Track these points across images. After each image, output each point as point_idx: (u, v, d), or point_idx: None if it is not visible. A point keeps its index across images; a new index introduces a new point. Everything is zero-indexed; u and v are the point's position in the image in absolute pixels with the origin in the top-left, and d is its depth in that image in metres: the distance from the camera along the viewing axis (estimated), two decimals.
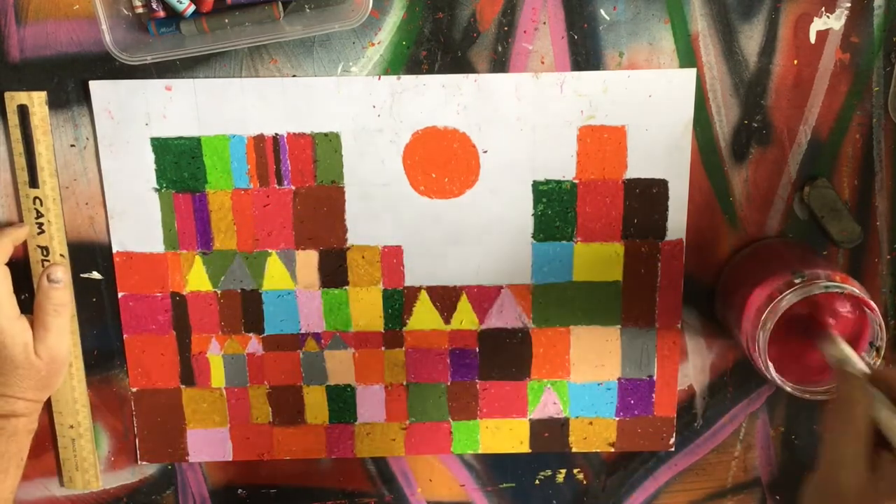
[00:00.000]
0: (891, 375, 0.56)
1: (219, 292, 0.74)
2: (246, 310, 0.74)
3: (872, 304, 0.65)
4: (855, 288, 0.65)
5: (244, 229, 0.72)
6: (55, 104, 0.69)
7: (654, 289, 0.73)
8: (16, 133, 0.69)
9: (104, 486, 0.78)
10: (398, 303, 0.74)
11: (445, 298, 0.74)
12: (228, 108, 0.69)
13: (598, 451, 0.78)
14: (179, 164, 0.70)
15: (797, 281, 0.65)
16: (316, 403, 0.76)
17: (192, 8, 0.65)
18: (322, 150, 0.70)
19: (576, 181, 0.71)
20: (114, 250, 0.72)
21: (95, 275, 0.73)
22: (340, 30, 0.66)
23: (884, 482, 0.53)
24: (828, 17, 0.68)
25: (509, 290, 0.74)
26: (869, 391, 0.56)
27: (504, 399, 0.76)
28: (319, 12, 0.66)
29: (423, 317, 0.74)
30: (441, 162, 0.71)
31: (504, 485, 0.79)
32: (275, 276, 0.73)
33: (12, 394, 0.68)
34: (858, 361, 0.61)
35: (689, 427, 0.77)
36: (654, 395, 0.76)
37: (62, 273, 0.71)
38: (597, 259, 0.73)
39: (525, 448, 0.78)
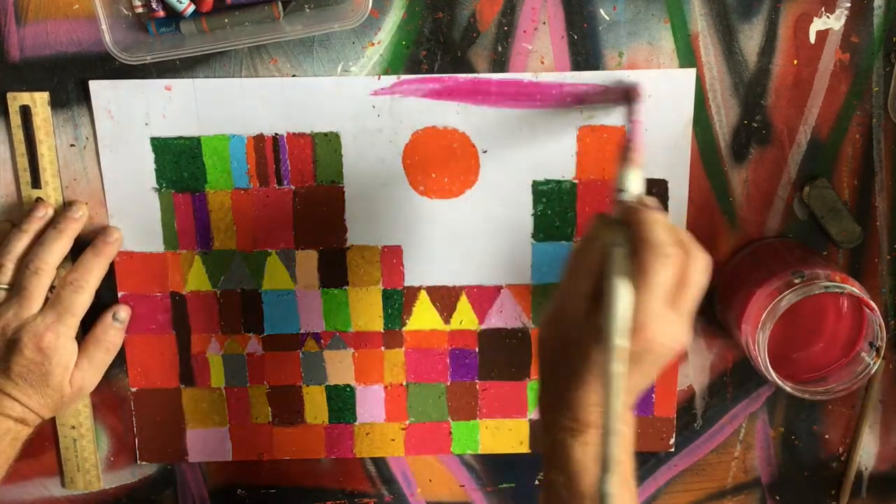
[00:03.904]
0: (637, 215, 0.54)
1: (218, 292, 0.74)
2: (246, 310, 0.74)
3: (872, 304, 0.65)
4: (855, 288, 0.65)
5: (244, 229, 0.72)
6: (55, 104, 0.69)
7: None
8: (18, 134, 0.70)
9: (104, 486, 0.78)
10: (398, 303, 0.74)
11: (445, 298, 0.74)
12: (228, 108, 0.69)
13: None
14: (179, 163, 0.71)
15: (797, 281, 0.65)
16: (315, 403, 0.76)
17: (192, 8, 0.65)
18: (322, 150, 0.70)
19: (575, 181, 0.71)
20: None
21: None
22: (340, 30, 0.66)
23: (595, 321, 0.53)
24: (828, 17, 0.68)
25: (509, 290, 0.74)
26: (608, 231, 0.54)
27: (504, 399, 0.76)
28: (319, 12, 0.66)
29: (423, 317, 0.74)
30: (441, 162, 0.71)
31: (504, 485, 0.79)
32: (274, 275, 0.73)
33: (31, 407, 0.68)
34: (633, 193, 0.57)
35: (689, 427, 0.77)
36: (653, 396, 0.76)
37: (126, 314, 0.73)
38: None
39: (525, 448, 0.78)
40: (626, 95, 0.67)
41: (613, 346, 0.51)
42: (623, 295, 0.51)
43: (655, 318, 0.52)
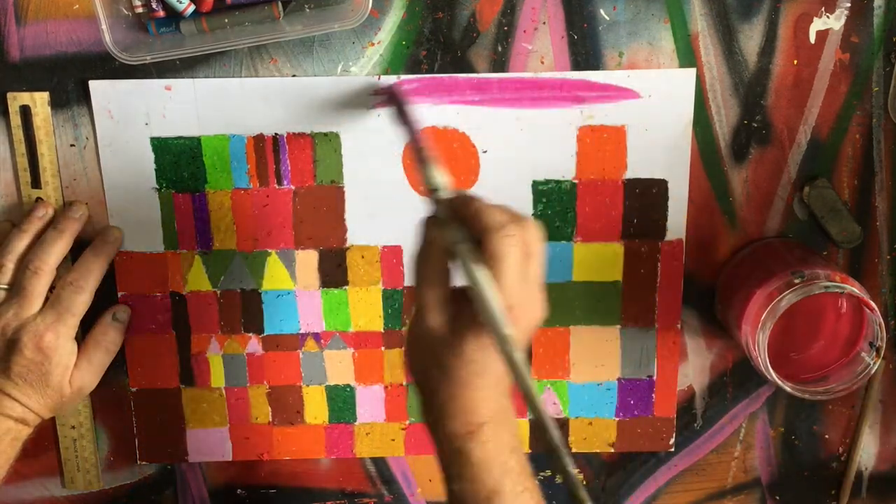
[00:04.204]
0: (465, 207, 0.54)
1: (218, 292, 0.74)
2: (245, 310, 0.74)
3: (872, 304, 0.65)
4: (855, 288, 0.65)
5: (244, 229, 0.72)
6: (55, 104, 0.69)
7: (654, 289, 0.73)
8: (18, 134, 0.70)
9: (104, 486, 0.78)
10: (398, 303, 0.74)
11: None
12: (228, 108, 0.69)
13: (598, 451, 0.78)
14: (179, 163, 0.71)
15: (797, 281, 0.65)
16: (315, 403, 0.76)
17: (192, 8, 0.65)
18: (322, 150, 0.70)
19: (575, 181, 0.71)
20: None
21: None
22: (340, 30, 0.66)
23: (461, 319, 0.54)
24: (828, 17, 0.68)
25: None
26: (445, 231, 0.54)
27: None
28: (319, 12, 0.66)
29: None
30: (441, 162, 0.71)
31: None
32: (274, 275, 0.73)
33: (31, 407, 0.68)
34: (447, 188, 0.57)
35: (689, 427, 0.77)
36: (653, 396, 0.76)
37: (126, 314, 0.73)
38: (596, 259, 0.73)
39: (525, 448, 0.78)
40: (389, 99, 0.67)
41: (505, 336, 0.51)
42: (489, 284, 0.52)
43: (518, 298, 0.53)
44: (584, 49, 0.68)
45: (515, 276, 0.53)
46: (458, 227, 0.54)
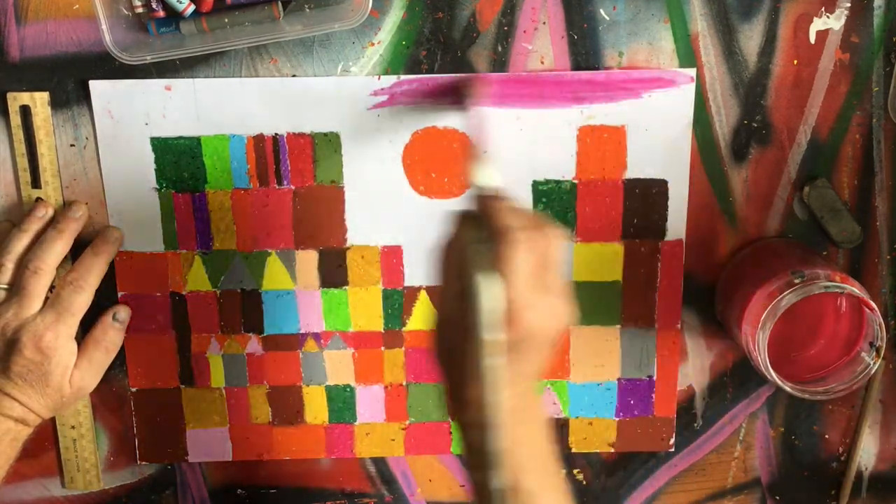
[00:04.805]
0: (490, 207, 0.54)
1: (218, 292, 0.74)
2: (245, 310, 0.74)
3: (872, 304, 0.65)
4: (855, 288, 0.65)
5: (244, 229, 0.72)
6: (55, 104, 0.69)
7: (654, 289, 0.73)
8: (18, 134, 0.70)
9: (104, 486, 0.78)
10: (398, 303, 0.74)
11: None
12: (228, 108, 0.69)
13: (598, 451, 0.78)
14: (179, 163, 0.71)
15: (797, 281, 0.65)
16: (315, 403, 0.76)
17: (192, 8, 0.65)
18: (322, 150, 0.70)
19: (575, 181, 0.71)
20: None
21: None
22: (340, 30, 0.66)
23: (469, 309, 0.53)
24: (828, 17, 0.68)
25: None
26: (469, 229, 0.54)
27: None
28: (319, 12, 0.66)
29: (423, 317, 0.74)
30: (441, 162, 0.71)
31: None
32: (274, 276, 0.73)
33: (31, 407, 0.68)
34: (486, 187, 0.57)
35: (689, 427, 0.77)
36: (653, 396, 0.76)
37: (126, 315, 0.73)
38: (596, 259, 0.73)
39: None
40: (457, 92, 0.68)
41: (482, 342, 0.51)
42: (486, 289, 0.52)
43: (525, 304, 0.52)
44: (584, 49, 0.68)
45: (521, 282, 0.52)
46: (478, 225, 0.54)
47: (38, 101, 0.69)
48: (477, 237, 0.54)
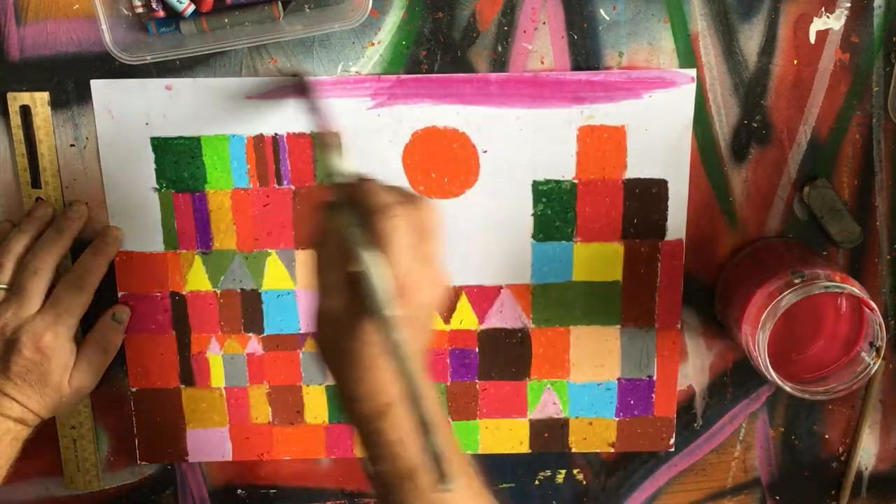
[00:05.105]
0: (358, 191, 0.55)
1: (218, 292, 0.74)
2: (246, 310, 0.74)
3: (872, 304, 0.65)
4: (855, 288, 0.65)
5: (244, 229, 0.72)
6: (55, 104, 0.69)
7: (654, 289, 0.73)
8: (18, 134, 0.70)
9: (104, 486, 0.78)
10: None
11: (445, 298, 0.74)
12: (228, 108, 0.69)
13: (598, 451, 0.78)
14: (179, 163, 0.71)
15: (797, 281, 0.65)
16: (315, 403, 0.76)
17: (192, 8, 0.65)
18: (322, 150, 0.70)
19: (575, 181, 0.71)
20: None
21: None
22: (340, 30, 0.66)
23: (358, 300, 0.53)
24: (828, 17, 0.68)
25: (509, 290, 0.74)
26: (340, 216, 0.54)
27: (504, 399, 0.76)
28: (319, 12, 0.66)
29: None
30: (441, 162, 0.71)
31: (504, 485, 0.79)
32: (274, 275, 0.73)
33: (30, 407, 0.68)
34: (347, 173, 0.58)
35: (689, 427, 0.77)
36: (653, 396, 0.76)
37: (126, 315, 0.73)
38: (597, 259, 0.73)
39: (525, 448, 0.78)
40: (299, 90, 0.68)
41: (387, 318, 0.51)
42: (375, 265, 0.52)
43: (410, 276, 0.53)
44: (584, 49, 0.68)
45: (405, 256, 0.53)
46: (350, 210, 0.54)
47: (38, 101, 0.69)
48: (350, 222, 0.54)
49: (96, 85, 0.68)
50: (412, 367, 0.52)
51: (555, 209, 0.72)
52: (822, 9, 0.67)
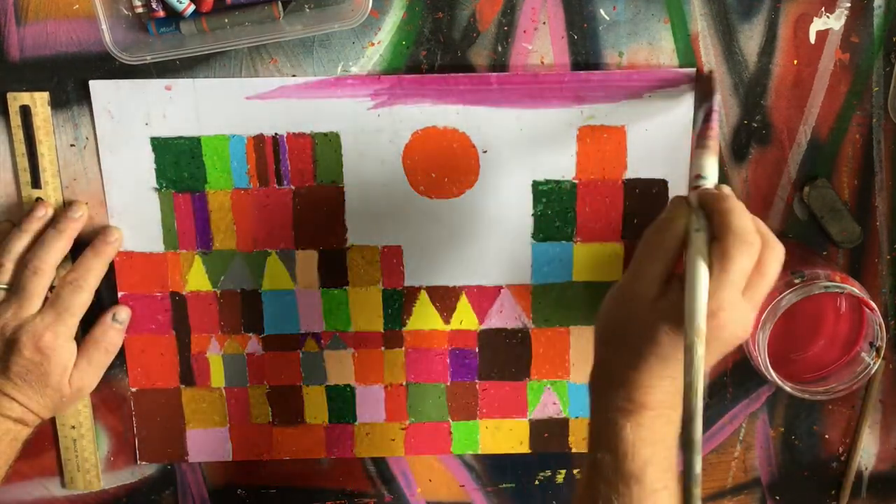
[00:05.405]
0: (718, 202, 0.54)
1: (218, 292, 0.74)
2: (245, 310, 0.74)
3: (872, 304, 0.66)
4: (855, 288, 0.65)
5: (244, 229, 0.72)
6: (55, 104, 0.69)
7: None
8: (18, 134, 0.70)
9: (104, 486, 0.78)
10: (398, 303, 0.74)
11: (445, 298, 0.74)
12: (228, 108, 0.69)
13: None
14: (179, 163, 0.71)
15: (797, 281, 0.65)
16: (315, 403, 0.76)
17: (192, 8, 0.65)
18: (322, 150, 0.70)
19: (575, 181, 0.71)
20: None
21: None
22: (340, 30, 0.66)
23: (665, 303, 0.53)
24: (828, 17, 0.68)
25: (509, 290, 0.74)
26: (691, 217, 0.54)
27: (504, 399, 0.76)
28: (319, 12, 0.66)
29: (423, 317, 0.74)
30: (441, 162, 0.71)
31: (504, 485, 0.79)
32: (274, 276, 0.73)
33: (30, 407, 0.68)
34: (712, 180, 0.57)
35: None
36: None
37: (126, 315, 0.73)
38: (596, 259, 0.73)
39: (525, 448, 0.78)
40: (704, 83, 0.68)
41: (698, 328, 0.51)
42: (703, 278, 0.52)
43: (729, 305, 0.52)
44: (584, 49, 0.68)
45: (735, 284, 0.52)
46: (701, 216, 0.54)
47: (38, 101, 0.69)
48: (700, 226, 0.54)
49: (96, 85, 0.68)
50: (699, 383, 0.51)
51: (555, 209, 0.72)
52: (822, 9, 0.67)
